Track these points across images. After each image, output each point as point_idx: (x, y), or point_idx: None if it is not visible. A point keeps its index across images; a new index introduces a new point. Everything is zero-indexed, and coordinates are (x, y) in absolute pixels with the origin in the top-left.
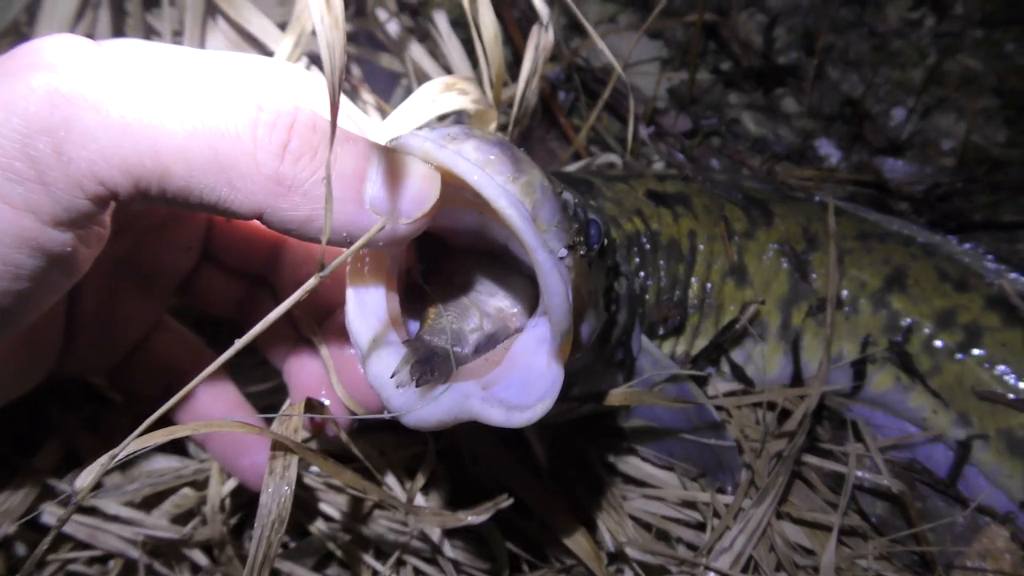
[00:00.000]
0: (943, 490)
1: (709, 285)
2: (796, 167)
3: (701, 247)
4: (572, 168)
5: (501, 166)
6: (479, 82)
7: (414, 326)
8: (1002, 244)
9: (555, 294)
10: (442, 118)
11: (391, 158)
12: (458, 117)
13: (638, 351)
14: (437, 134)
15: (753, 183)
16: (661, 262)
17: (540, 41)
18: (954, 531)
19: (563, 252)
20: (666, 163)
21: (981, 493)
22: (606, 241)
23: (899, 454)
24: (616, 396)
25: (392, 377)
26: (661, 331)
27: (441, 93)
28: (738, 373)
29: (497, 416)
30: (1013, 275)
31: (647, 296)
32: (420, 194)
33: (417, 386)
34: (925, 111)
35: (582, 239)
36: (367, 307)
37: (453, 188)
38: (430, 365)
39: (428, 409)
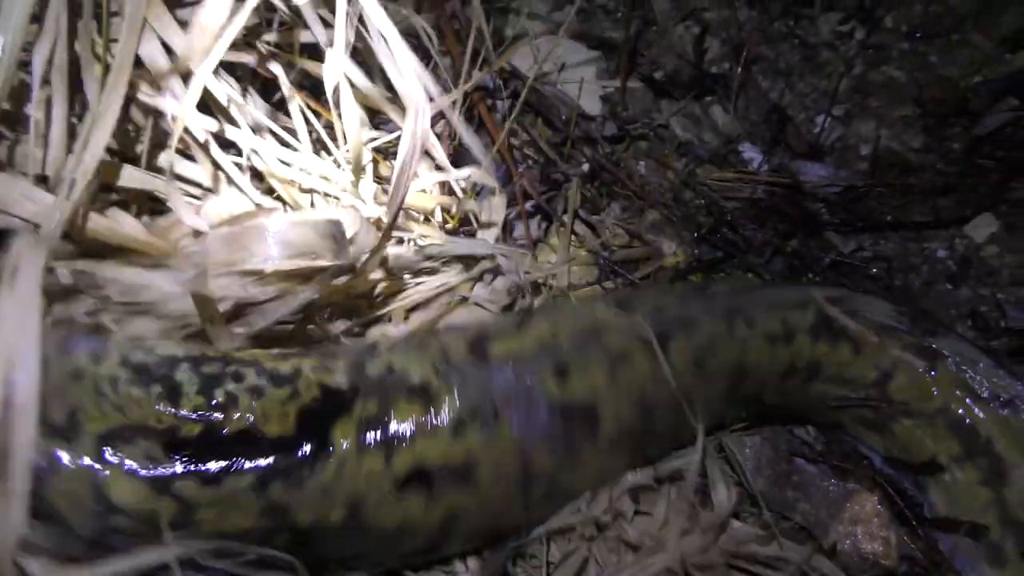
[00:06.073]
0: (815, 459)
1: None
2: (717, 170)
3: None
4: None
5: None
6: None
7: None
8: (910, 244)
9: None
10: None
11: None
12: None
13: None
14: None
15: None
16: None
17: (418, 125)
18: (828, 500)
19: None
20: (591, 169)
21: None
22: None
23: None
24: None
25: None
26: None
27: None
28: None
29: None
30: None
31: None
32: None
33: None
34: (847, 118)
35: None
36: None
37: None
38: None
39: None
